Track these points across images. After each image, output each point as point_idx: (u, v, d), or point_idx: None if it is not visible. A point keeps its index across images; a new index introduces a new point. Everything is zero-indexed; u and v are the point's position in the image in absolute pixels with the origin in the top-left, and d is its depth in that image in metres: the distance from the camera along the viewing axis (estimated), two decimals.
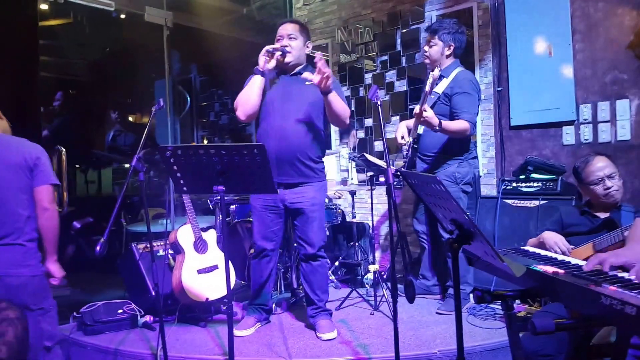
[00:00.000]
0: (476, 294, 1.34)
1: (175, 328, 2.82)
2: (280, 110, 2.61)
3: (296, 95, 2.61)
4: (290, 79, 2.66)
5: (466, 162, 2.97)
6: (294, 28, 2.64)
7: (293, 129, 2.58)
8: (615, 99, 3.17)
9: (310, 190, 2.66)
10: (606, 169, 2.06)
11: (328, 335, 2.59)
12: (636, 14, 3.07)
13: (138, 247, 3.03)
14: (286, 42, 2.61)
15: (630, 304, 0.96)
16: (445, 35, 2.94)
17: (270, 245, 2.73)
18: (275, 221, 2.72)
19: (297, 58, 2.64)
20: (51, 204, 2.10)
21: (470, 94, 2.83)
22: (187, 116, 5.02)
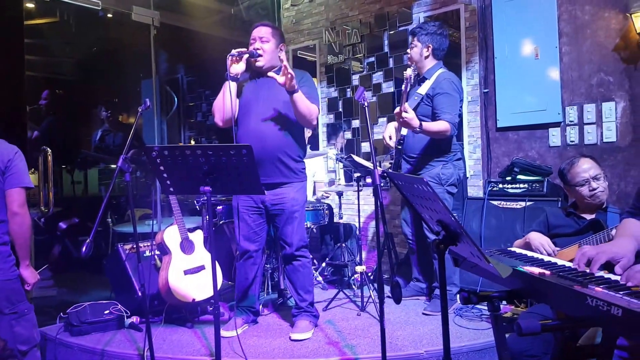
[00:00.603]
0: (462, 295, 1.34)
1: (162, 329, 2.80)
2: (257, 112, 2.62)
3: (272, 97, 2.62)
4: (265, 80, 2.66)
5: (451, 164, 2.99)
6: (266, 31, 2.65)
7: (271, 130, 2.59)
8: (601, 101, 3.21)
9: (290, 190, 2.67)
10: (591, 170, 2.09)
11: (297, 336, 2.58)
12: (622, 17, 3.11)
13: (124, 248, 3.01)
14: (258, 45, 2.61)
15: (616, 305, 0.96)
16: (423, 37, 2.96)
17: (254, 246, 2.72)
18: (258, 222, 2.71)
19: (270, 61, 2.64)
20: (21, 208, 2.04)
21: (450, 94, 2.85)
22: (174, 116, 4.97)
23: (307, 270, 2.76)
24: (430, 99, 2.91)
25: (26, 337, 2.08)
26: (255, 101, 2.65)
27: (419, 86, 3.01)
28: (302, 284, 2.73)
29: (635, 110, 3.10)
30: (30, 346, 2.09)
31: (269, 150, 2.58)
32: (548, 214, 2.20)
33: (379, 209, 1.99)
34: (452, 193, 3.01)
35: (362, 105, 2.27)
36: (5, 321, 1.96)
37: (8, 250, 2.06)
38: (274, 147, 2.58)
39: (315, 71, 4.65)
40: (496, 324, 1.35)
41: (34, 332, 2.14)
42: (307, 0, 4.68)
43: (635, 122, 3.10)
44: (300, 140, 2.72)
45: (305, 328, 2.64)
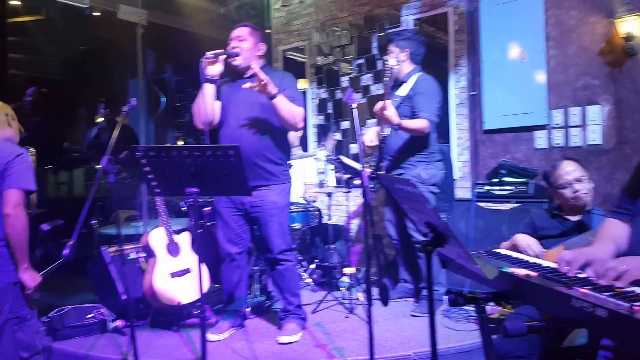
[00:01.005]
0: (450, 297, 1.34)
1: (147, 333, 2.76)
2: (235, 114, 2.60)
3: (250, 98, 2.58)
4: (244, 81, 2.63)
5: (432, 165, 3.03)
6: (244, 30, 2.62)
7: (248, 133, 2.56)
8: (587, 105, 3.25)
9: (270, 193, 2.61)
10: (575, 172, 2.11)
11: (284, 339, 2.56)
12: (607, 22, 3.15)
13: (109, 250, 2.96)
14: (235, 44, 2.59)
15: (601, 307, 0.96)
16: (400, 42, 3.02)
17: (236, 249, 2.68)
18: (239, 223, 2.67)
19: (247, 59, 2.60)
20: (14, 209, 1.98)
21: (429, 94, 2.91)
22: (161, 116, 4.93)
23: (293, 274, 2.72)
24: (410, 100, 2.95)
25: (28, 344, 2.03)
26: (233, 103, 2.62)
27: (397, 89, 3.04)
28: (288, 287, 2.70)
29: (620, 113, 3.15)
30: (32, 353, 2.04)
31: (246, 154, 2.53)
32: (534, 216, 2.22)
33: (367, 210, 1.98)
34: (434, 193, 3.05)
35: (351, 107, 2.27)
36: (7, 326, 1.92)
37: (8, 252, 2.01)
38: (251, 150, 2.52)
39: (305, 72, 4.65)
40: (483, 326, 1.35)
41: (35, 339, 2.09)
42: (298, 1, 4.68)
43: (620, 125, 3.15)
44: (281, 143, 2.67)
45: (293, 331, 2.62)
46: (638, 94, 3.07)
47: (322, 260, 3.82)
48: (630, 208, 1.46)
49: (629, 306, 0.93)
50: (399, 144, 3.03)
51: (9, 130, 2.16)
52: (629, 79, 3.11)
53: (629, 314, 0.91)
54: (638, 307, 0.93)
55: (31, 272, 2.04)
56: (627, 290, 1.09)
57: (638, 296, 1.05)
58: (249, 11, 4.90)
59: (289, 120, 2.53)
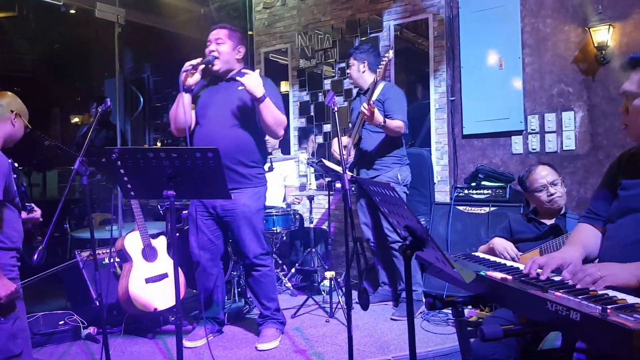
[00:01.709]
0: (427, 300, 1.34)
1: (121, 340, 2.69)
2: (209, 117, 2.57)
3: (225, 101, 2.56)
4: (223, 85, 2.61)
5: (405, 167, 3.19)
6: (222, 32, 2.59)
7: (221, 135, 2.51)
8: (561, 111, 3.32)
9: (242, 197, 2.55)
10: (549, 176, 2.16)
11: (264, 346, 2.53)
12: (581, 31, 3.24)
13: (82, 255, 2.88)
14: (213, 47, 2.56)
15: (575, 310, 0.97)
16: (358, 55, 3.20)
17: (208, 254, 2.63)
18: (212, 228, 2.62)
19: (226, 63, 2.58)
20: None
21: (398, 99, 3.10)
22: (139, 117, 4.84)
23: (268, 279, 2.67)
24: (381, 104, 3.07)
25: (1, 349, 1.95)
26: (209, 106, 2.59)
27: (364, 97, 3.12)
28: (265, 292, 2.66)
29: (592, 119, 3.23)
30: (4, 357, 1.96)
31: None
32: (511, 220, 2.25)
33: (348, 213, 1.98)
34: (406, 193, 3.19)
35: (333, 110, 2.27)
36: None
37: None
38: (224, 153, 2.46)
39: (287, 75, 4.63)
40: (460, 330, 1.35)
41: (9, 343, 2.00)
42: (280, 4, 4.66)
43: (593, 131, 3.23)
44: (257, 146, 2.63)
45: (272, 337, 2.59)
46: (610, 101, 3.16)
47: (303, 264, 3.80)
48: (601, 213, 1.49)
49: (601, 309, 0.95)
50: (373, 146, 3.14)
51: (10, 128, 2.10)
52: (601, 86, 3.19)
53: (601, 317, 0.92)
54: (610, 310, 0.94)
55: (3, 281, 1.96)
56: (600, 294, 1.11)
57: (610, 299, 1.07)
58: (230, 12, 4.86)
59: (271, 126, 2.51)
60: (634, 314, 0.94)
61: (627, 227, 1.35)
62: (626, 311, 0.96)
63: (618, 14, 3.11)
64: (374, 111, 2.82)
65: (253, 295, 2.69)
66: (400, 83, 3.89)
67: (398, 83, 3.88)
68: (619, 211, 1.41)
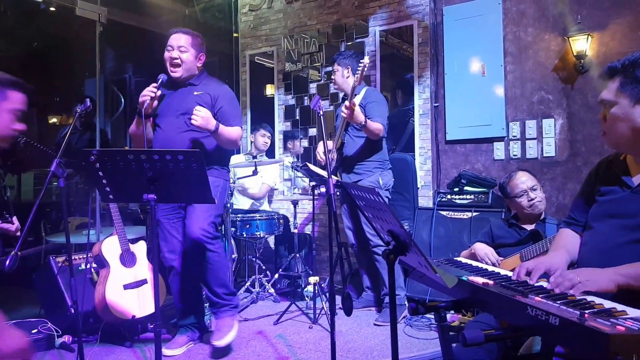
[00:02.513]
0: (410, 305, 1.34)
1: (97, 349, 2.61)
2: (168, 123, 2.54)
3: (182, 107, 2.53)
4: (181, 90, 2.59)
5: (387, 171, 3.22)
6: (186, 40, 2.55)
7: (179, 139, 2.49)
8: (542, 118, 3.38)
9: None
10: (528, 182, 2.20)
11: (220, 342, 2.41)
12: (561, 40, 3.31)
13: (57, 260, 2.79)
14: (176, 55, 2.52)
15: (554, 315, 0.98)
16: (342, 60, 3.25)
17: (179, 257, 2.57)
18: (181, 231, 2.57)
19: (187, 71, 2.56)
20: None
21: (378, 102, 3.15)
22: (120, 118, 4.75)
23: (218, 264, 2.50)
24: (363, 108, 3.10)
25: None
26: (168, 110, 2.56)
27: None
28: (216, 278, 2.50)
29: (572, 127, 3.30)
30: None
31: None
32: (492, 225, 2.27)
33: (333, 218, 1.97)
34: (389, 198, 3.22)
35: (318, 114, 2.27)
36: None
37: None
38: None
39: (272, 78, 4.61)
40: (442, 335, 1.35)
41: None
42: (266, 7, 4.65)
43: (572, 138, 3.29)
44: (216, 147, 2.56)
45: (227, 328, 2.46)
46: (588, 109, 3.23)
47: (287, 269, 3.77)
48: (580, 219, 1.51)
49: (579, 314, 0.96)
50: (357, 151, 3.17)
51: None
52: (580, 94, 3.26)
53: (579, 321, 0.93)
54: (587, 315, 0.95)
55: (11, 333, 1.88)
56: (579, 299, 1.12)
57: (588, 304, 1.08)
58: (215, 14, 4.82)
59: (227, 146, 2.54)
60: (611, 318, 0.96)
61: (605, 233, 1.38)
62: (603, 316, 0.98)
63: (596, 25, 3.18)
64: (354, 109, 2.83)
65: (204, 284, 2.56)
66: (385, 88, 3.92)
67: (383, 87, 3.91)
68: (596, 217, 1.43)
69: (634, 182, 1.36)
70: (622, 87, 1.32)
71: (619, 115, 1.32)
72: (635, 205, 1.32)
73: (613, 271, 1.22)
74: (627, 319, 0.96)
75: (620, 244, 1.31)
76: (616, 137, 1.35)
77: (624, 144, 1.36)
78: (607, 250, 1.33)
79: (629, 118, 1.31)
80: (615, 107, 1.33)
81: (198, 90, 2.56)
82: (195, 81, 2.60)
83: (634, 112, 1.30)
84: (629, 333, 0.88)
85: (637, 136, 1.31)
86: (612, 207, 1.38)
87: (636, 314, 1.00)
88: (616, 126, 1.34)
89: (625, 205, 1.35)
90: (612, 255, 1.29)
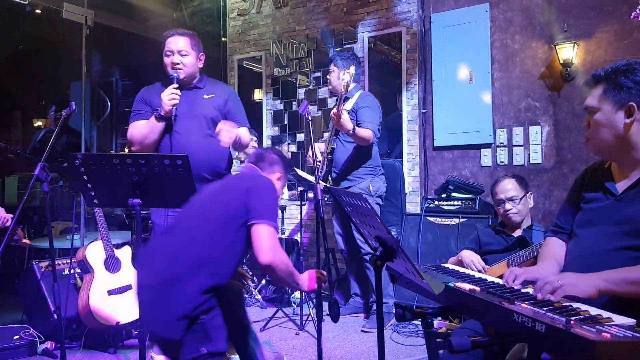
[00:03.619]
0: (397, 312, 1.33)
1: (80, 355, 2.58)
2: (180, 127, 2.47)
3: (195, 111, 2.49)
4: (188, 93, 2.53)
5: (378, 177, 3.20)
6: (185, 42, 2.48)
7: (195, 146, 2.43)
8: (529, 125, 3.42)
9: None
10: (509, 192, 2.18)
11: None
12: (548, 48, 3.35)
13: (40, 265, 2.75)
14: (177, 59, 2.45)
15: (540, 322, 0.98)
16: (339, 62, 3.20)
17: None
18: None
19: (190, 74, 2.51)
20: None
21: (371, 108, 3.10)
22: (106, 122, 4.70)
23: None
24: (355, 113, 3.09)
25: None
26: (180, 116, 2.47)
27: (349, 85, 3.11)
28: None
29: (558, 134, 3.34)
30: None
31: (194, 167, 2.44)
32: (479, 232, 2.28)
33: (320, 224, 1.96)
34: (379, 204, 3.20)
35: (307, 119, 2.26)
36: None
37: None
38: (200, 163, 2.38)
39: (261, 83, 4.61)
40: (429, 341, 1.35)
41: None
42: (255, 11, 4.64)
43: (559, 145, 3.33)
44: (224, 155, 2.58)
45: None
46: (574, 117, 3.27)
47: None
48: (566, 227, 1.52)
49: (566, 320, 0.96)
50: (346, 157, 3.15)
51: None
52: (566, 102, 3.31)
53: (565, 328, 0.93)
54: (573, 322, 0.95)
55: None
56: (565, 305, 1.13)
57: (574, 311, 1.08)
58: (203, 18, 4.80)
59: (238, 150, 2.54)
60: (596, 325, 0.96)
61: (589, 240, 1.38)
62: (589, 323, 0.98)
63: (582, 33, 3.23)
64: (341, 115, 2.80)
65: None
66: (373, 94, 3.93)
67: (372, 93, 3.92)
68: (581, 224, 1.44)
69: (618, 189, 1.36)
70: (605, 94, 1.34)
71: (602, 122, 1.34)
72: (620, 213, 1.33)
73: (596, 276, 1.22)
74: (613, 326, 0.96)
75: (605, 251, 1.32)
76: (599, 143, 1.37)
77: (607, 150, 1.37)
78: (592, 257, 1.34)
79: (611, 124, 1.32)
80: (598, 113, 1.35)
81: (207, 94, 2.51)
82: (200, 84, 2.55)
83: (616, 117, 1.31)
84: (614, 340, 0.88)
85: (620, 142, 1.33)
86: (597, 215, 1.39)
87: (622, 321, 1.01)
88: (599, 132, 1.35)
89: (610, 212, 1.35)
90: (597, 263, 1.29)
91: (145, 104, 2.52)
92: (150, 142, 2.44)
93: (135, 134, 2.46)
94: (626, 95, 1.30)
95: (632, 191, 1.32)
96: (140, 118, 2.49)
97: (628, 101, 1.30)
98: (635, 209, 1.29)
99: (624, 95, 1.30)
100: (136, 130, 2.46)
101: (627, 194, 1.33)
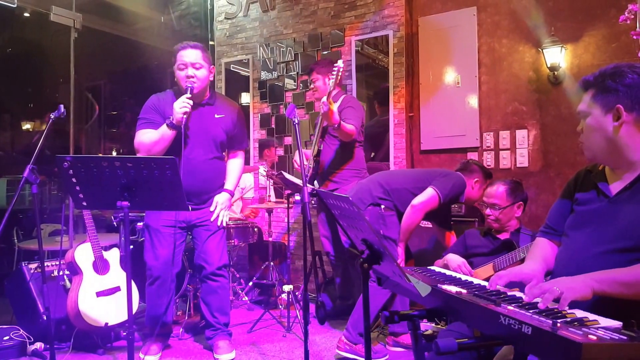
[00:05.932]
0: (384, 314, 1.34)
1: (69, 356, 2.57)
2: (190, 143, 2.50)
3: (206, 130, 2.54)
4: (201, 110, 2.55)
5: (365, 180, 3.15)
6: (198, 56, 2.49)
7: (201, 162, 2.52)
8: (515, 129, 3.46)
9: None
10: (493, 198, 2.21)
11: (226, 357, 2.51)
12: (535, 52, 3.39)
13: (29, 267, 2.75)
14: (192, 73, 2.45)
15: (527, 324, 0.99)
16: (321, 69, 3.25)
17: (169, 268, 2.55)
18: (180, 241, 2.57)
19: (203, 88, 2.53)
20: None
21: (354, 107, 3.14)
22: (94, 125, 4.66)
23: (226, 292, 2.68)
24: (339, 113, 3.09)
25: None
26: (190, 131, 2.51)
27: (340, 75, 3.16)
28: (220, 305, 2.62)
29: (545, 138, 3.38)
30: None
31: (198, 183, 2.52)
32: (466, 235, 2.30)
33: (307, 226, 1.97)
34: None
35: (294, 123, 2.27)
36: None
37: None
38: (204, 179, 2.53)
39: (248, 86, 4.60)
40: (416, 343, 1.36)
41: None
42: (242, 15, 4.64)
43: (545, 149, 3.37)
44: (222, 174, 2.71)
45: (228, 347, 2.56)
46: (561, 121, 3.31)
47: (261, 277, 3.74)
48: (558, 228, 1.53)
49: (552, 323, 0.97)
50: (334, 159, 3.17)
51: None
52: (553, 106, 3.34)
53: (551, 330, 0.94)
54: (560, 324, 0.96)
55: None
56: (552, 308, 1.13)
57: (561, 313, 1.09)
58: (191, 21, 4.79)
59: None
60: (583, 327, 0.96)
61: (581, 242, 1.38)
62: (575, 325, 0.98)
63: (569, 37, 3.26)
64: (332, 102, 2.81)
65: (206, 306, 2.62)
66: (361, 97, 3.94)
67: (359, 97, 3.94)
68: (573, 226, 1.44)
69: (612, 191, 1.36)
70: (593, 98, 1.35)
71: (593, 126, 1.35)
72: (613, 215, 1.33)
73: (589, 277, 1.21)
74: (599, 328, 0.97)
75: (597, 253, 1.31)
76: (593, 147, 1.38)
77: (600, 154, 1.38)
78: (584, 259, 1.34)
79: (601, 127, 1.34)
80: (589, 117, 1.37)
81: (218, 113, 2.57)
82: (211, 100, 2.59)
83: (605, 121, 1.33)
84: (600, 342, 0.89)
85: (611, 146, 1.33)
86: (590, 217, 1.39)
87: (608, 324, 1.01)
88: (592, 137, 1.37)
89: (603, 214, 1.35)
90: (589, 265, 1.29)
91: (155, 112, 2.51)
92: (158, 152, 2.43)
93: (144, 141, 2.45)
94: (613, 98, 1.31)
95: (626, 193, 1.32)
96: (149, 126, 2.48)
97: (615, 104, 1.31)
98: (629, 210, 1.30)
99: (612, 98, 1.31)
100: (145, 138, 2.46)
101: (621, 196, 1.33)
